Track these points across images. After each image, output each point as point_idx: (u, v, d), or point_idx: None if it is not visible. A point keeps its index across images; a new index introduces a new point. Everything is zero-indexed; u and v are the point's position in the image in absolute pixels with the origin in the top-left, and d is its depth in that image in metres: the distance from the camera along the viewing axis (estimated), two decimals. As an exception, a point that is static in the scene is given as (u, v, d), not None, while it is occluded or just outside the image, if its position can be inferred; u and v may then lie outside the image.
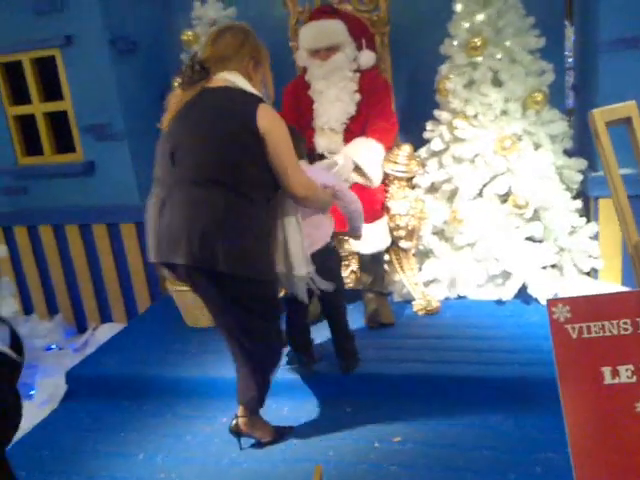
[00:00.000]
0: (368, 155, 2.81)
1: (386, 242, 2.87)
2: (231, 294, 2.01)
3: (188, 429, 2.45)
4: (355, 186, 2.83)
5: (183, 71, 2.03)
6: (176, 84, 2.13)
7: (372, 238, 2.80)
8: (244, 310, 2.05)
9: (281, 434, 2.33)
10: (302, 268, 2.15)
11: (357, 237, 2.54)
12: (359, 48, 2.95)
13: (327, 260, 2.36)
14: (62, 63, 3.41)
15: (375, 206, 2.82)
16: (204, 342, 2.94)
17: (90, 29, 3.31)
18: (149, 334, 3.16)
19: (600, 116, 1.73)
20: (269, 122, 1.95)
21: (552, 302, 1.58)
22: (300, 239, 2.15)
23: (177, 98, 2.06)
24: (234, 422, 2.25)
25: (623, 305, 1.56)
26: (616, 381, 1.53)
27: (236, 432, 2.26)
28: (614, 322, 1.55)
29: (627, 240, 1.74)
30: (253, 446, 2.30)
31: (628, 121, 1.77)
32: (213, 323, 2.99)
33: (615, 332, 1.55)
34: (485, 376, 2.39)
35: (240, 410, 2.24)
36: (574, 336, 1.56)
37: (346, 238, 2.83)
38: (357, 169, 2.82)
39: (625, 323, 1.55)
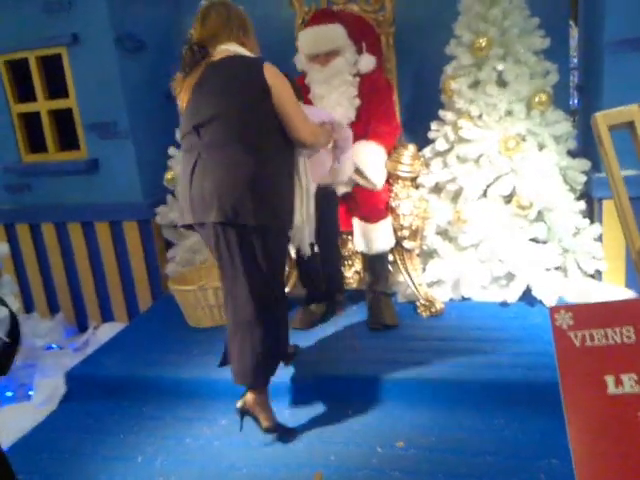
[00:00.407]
0: (370, 158, 2.80)
1: (390, 243, 2.86)
2: (255, 249, 2.11)
3: (188, 431, 2.42)
4: (357, 187, 2.82)
5: (183, 55, 2.16)
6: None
7: (376, 238, 2.79)
8: (263, 266, 2.14)
9: (283, 431, 2.31)
10: (298, 219, 2.29)
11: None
12: (359, 52, 2.94)
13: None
14: (68, 61, 3.41)
15: (379, 206, 2.82)
16: (205, 343, 2.92)
17: (97, 27, 3.31)
18: (150, 334, 3.14)
19: (603, 120, 1.72)
20: (274, 77, 2.10)
21: (555, 309, 1.56)
22: (309, 196, 2.31)
23: (183, 82, 2.19)
24: (241, 400, 2.25)
25: (626, 312, 1.54)
26: (619, 390, 1.51)
27: (241, 410, 2.25)
28: (617, 330, 1.53)
29: (630, 245, 1.72)
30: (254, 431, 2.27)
31: (631, 125, 1.76)
32: (214, 322, 3.05)
33: (618, 340, 1.53)
34: (489, 379, 2.37)
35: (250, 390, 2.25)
36: (577, 344, 1.54)
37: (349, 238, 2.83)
38: (358, 172, 2.80)
39: (628, 331, 1.53)
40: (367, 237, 2.81)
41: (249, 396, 2.24)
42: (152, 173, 3.54)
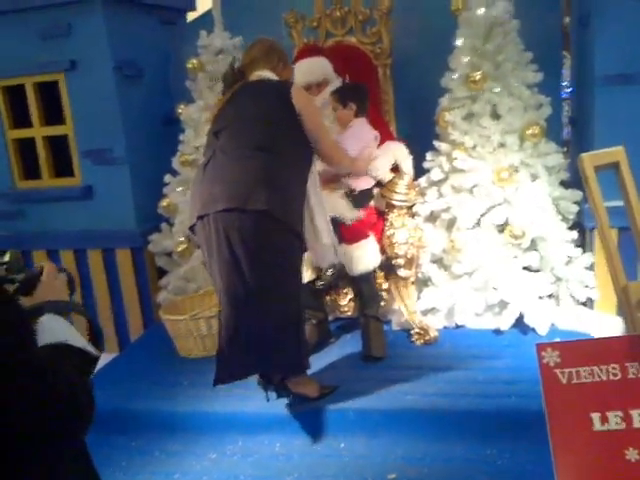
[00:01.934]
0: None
1: (373, 263, 2.83)
2: (260, 242, 2.16)
3: (177, 467, 2.36)
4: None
5: (223, 77, 2.44)
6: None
7: (358, 258, 2.78)
8: (266, 263, 2.18)
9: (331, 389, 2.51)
10: (327, 238, 2.45)
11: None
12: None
13: None
14: (65, 87, 3.44)
15: (360, 226, 2.82)
16: (196, 373, 2.87)
17: (95, 54, 3.35)
18: (140, 365, 3.07)
19: (589, 161, 1.77)
20: (303, 100, 2.31)
21: (541, 346, 1.58)
22: (322, 211, 2.44)
23: (219, 101, 2.44)
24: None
25: (611, 350, 1.56)
26: (605, 427, 1.51)
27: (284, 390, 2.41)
28: (603, 367, 1.54)
29: (614, 283, 1.73)
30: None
31: (616, 165, 1.81)
32: (206, 352, 3.01)
33: (604, 377, 1.54)
34: (482, 409, 2.35)
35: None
36: (564, 381, 1.56)
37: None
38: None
39: (614, 368, 1.54)
40: (350, 258, 2.80)
41: (294, 382, 2.39)
42: (147, 200, 3.53)
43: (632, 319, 1.59)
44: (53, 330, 1.01)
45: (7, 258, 1.08)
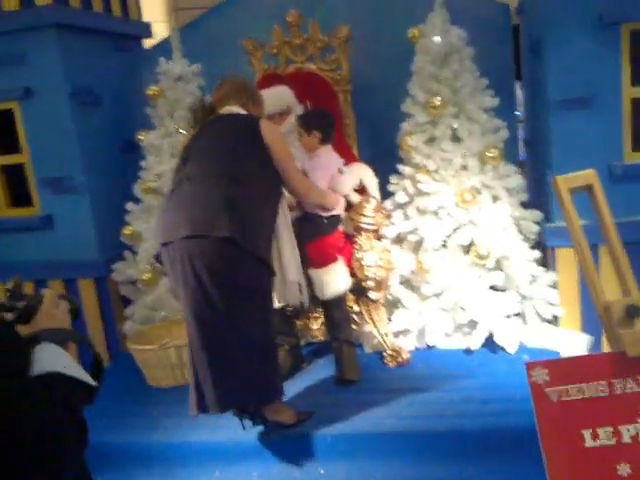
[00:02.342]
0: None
1: (343, 286, 2.85)
2: (224, 268, 2.15)
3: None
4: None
5: (192, 112, 2.47)
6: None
7: (327, 282, 2.80)
8: (233, 289, 2.18)
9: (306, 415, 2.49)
10: (294, 275, 2.45)
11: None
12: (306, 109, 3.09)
13: None
14: (20, 116, 3.34)
15: (328, 250, 2.85)
16: (166, 403, 2.83)
17: (50, 82, 3.26)
18: (108, 396, 2.95)
19: (564, 183, 1.85)
20: (272, 134, 2.35)
21: (530, 365, 1.62)
22: (292, 247, 2.45)
23: (189, 135, 2.52)
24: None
25: (598, 367, 1.61)
26: (597, 443, 1.56)
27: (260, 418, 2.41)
28: (591, 384, 1.59)
29: (596, 301, 1.78)
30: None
31: (589, 188, 1.90)
32: (175, 382, 2.97)
33: (593, 394, 1.59)
34: (460, 429, 2.39)
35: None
36: (554, 399, 1.60)
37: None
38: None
39: (601, 385, 1.59)
40: (319, 282, 2.81)
41: (270, 409, 2.38)
42: (109, 229, 3.46)
43: (615, 336, 1.65)
44: (47, 359, 1.00)
45: (9, 286, 1.07)
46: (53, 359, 1.02)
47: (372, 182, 3.04)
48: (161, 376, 3.02)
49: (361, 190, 3.03)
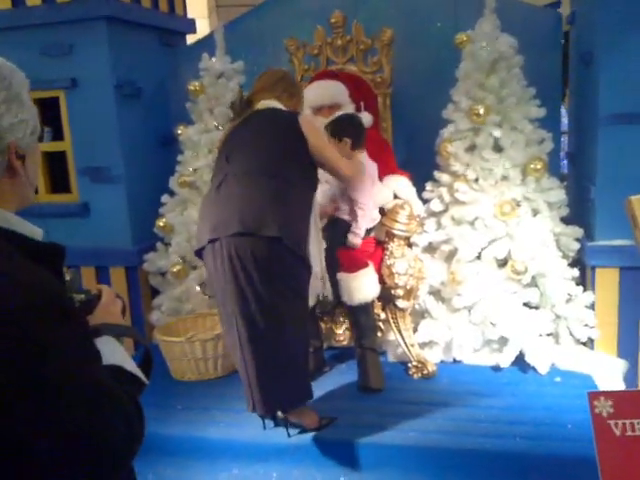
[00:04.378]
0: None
1: (372, 294, 2.80)
2: (274, 268, 2.19)
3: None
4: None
5: (231, 105, 2.52)
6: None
7: (356, 288, 2.75)
8: (281, 289, 2.22)
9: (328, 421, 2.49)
10: (316, 266, 2.40)
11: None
12: (358, 110, 3.04)
13: None
14: (65, 105, 3.40)
15: (358, 255, 2.81)
16: (189, 397, 2.83)
17: (97, 73, 3.32)
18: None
19: (638, 203, 1.75)
20: (309, 128, 2.35)
21: (594, 395, 1.51)
22: (318, 239, 2.45)
23: (227, 128, 2.51)
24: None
25: None
26: None
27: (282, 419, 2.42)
28: None
29: None
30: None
31: None
32: (200, 376, 2.97)
33: None
34: (486, 449, 2.29)
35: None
36: (617, 433, 1.48)
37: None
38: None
39: None
40: (348, 287, 2.77)
41: (294, 411, 2.39)
42: (143, 220, 3.50)
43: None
44: (109, 352, 1.01)
45: (68, 277, 1.06)
46: (115, 353, 1.02)
47: (408, 192, 2.98)
48: (185, 369, 3.03)
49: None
